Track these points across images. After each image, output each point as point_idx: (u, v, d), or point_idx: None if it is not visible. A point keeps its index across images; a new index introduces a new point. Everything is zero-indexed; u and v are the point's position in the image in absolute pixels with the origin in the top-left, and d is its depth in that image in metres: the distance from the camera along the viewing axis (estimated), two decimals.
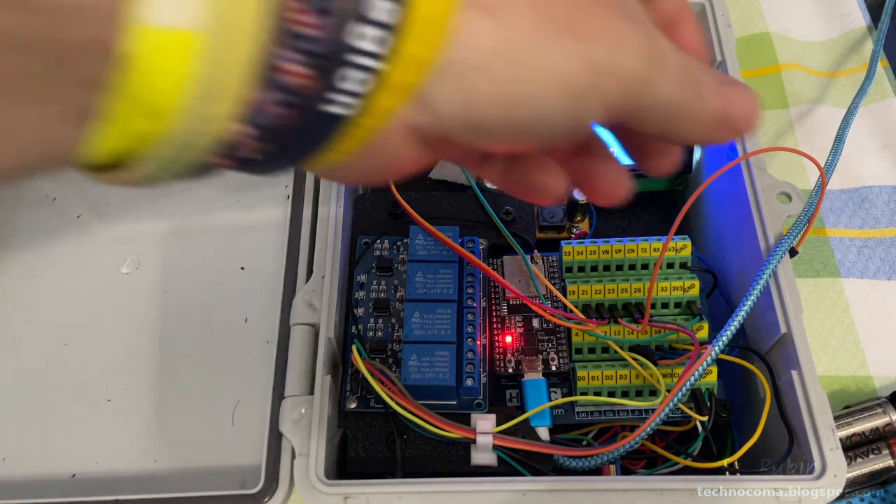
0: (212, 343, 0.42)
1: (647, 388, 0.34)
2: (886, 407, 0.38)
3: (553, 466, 0.33)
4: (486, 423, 0.33)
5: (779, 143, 0.50)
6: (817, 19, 0.55)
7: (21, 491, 0.38)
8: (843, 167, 0.48)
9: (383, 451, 0.33)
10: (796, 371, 0.32)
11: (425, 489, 0.30)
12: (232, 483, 0.38)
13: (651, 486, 0.30)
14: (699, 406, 0.34)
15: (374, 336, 0.36)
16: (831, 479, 0.30)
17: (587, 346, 0.35)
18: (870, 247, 0.46)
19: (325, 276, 0.35)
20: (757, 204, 0.36)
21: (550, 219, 0.40)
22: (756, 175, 0.37)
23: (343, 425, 0.34)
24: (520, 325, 0.37)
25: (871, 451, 0.37)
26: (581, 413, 0.35)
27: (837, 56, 0.53)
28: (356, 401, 0.34)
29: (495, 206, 0.39)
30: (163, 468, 0.39)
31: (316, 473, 0.31)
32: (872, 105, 0.50)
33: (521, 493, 0.30)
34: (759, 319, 0.36)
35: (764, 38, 0.54)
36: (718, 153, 0.41)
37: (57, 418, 0.40)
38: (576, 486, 0.30)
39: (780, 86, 0.52)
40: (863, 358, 0.42)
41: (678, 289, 0.36)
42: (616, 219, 0.45)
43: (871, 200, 0.47)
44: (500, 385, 0.36)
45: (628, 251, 0.37)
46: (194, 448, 0.39)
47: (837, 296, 0.44)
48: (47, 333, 0.43)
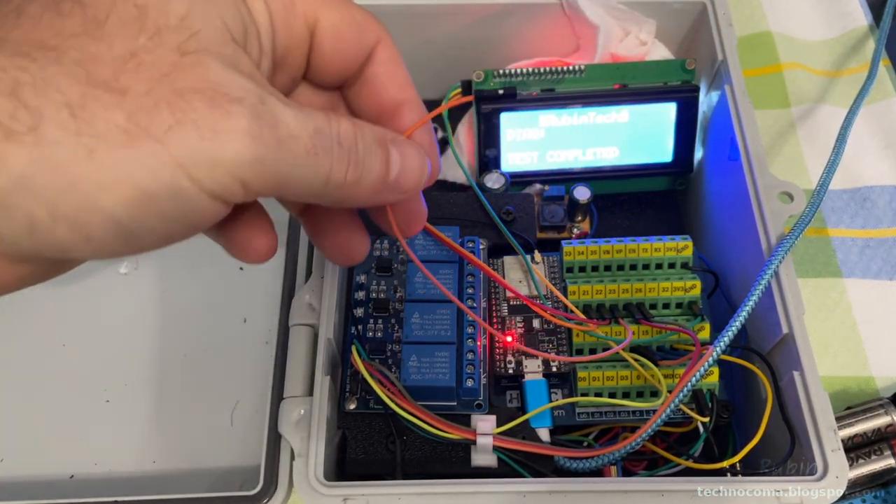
0: (211, 344, 0.42)
1: (648, 389, 0.34)
2: (888, 407, 0.37)
3: (554, 468, 0.32)
4: (487, 425, 0.32)
5: (780, 142, 0.50)
6: (819, 18, 0.55)
7: (19, 492, 0.38)
8: (844, 167, 0.48)
9: (383, 453, 0.33)
10: (798, 372, 0.32)
11: (425, 490, 0.30)
12: (231, 484, 0.37)
13: (652, 488, 0.30)
14: (700, 407, 0.34)
15: (374, 337, 0.36)
16: (833, 480, 0.30)
17: (588, 347, 0.35)
18: (871, 247, 0.46)
19: (324, 277, 0.35)
20: (759, 204, 0.36)
21: (551, 219, 0.40)
22: (757, 175, 0.37)
23: (342, 426, 0.34)
24: (520, 326, 0.36)
25: (873, 452, 0.37)
26: (582, 414, 0.35)
27: (839, 55, 0.53)
28: (356, 402, 0.34)
29: (495, 205, 0.39)
30: (161, 469, 0.39)
31: (315, 475, 0.30)
32: (874, 105, 0.50)
33: (521, 494, 0.30)
34: (761, 320, 0.35)
35: (765, 38, 0.54)
36: (719, 153, 0.41)
37: (55, 419, 0.40)
38: (576, 488, 0.30)
39: (781, 85, 0.52)
40: (864, 358, 0.42)
41: (679, 289, 0.36)
42: (617, 219, 0.44)
43: (873, 200, 0.47)
44: (501, 386, 0.36)
45: (629, 251, 0.36)
46: (193, 449, 0.39)
47: (839, 296, 0.44)
48: (46, 334, 0.43)
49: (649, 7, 0.44)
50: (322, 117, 0.21)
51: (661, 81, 0.42)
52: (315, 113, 0.21)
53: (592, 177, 0.43)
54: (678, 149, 0.43)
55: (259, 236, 0.24)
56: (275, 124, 0.19)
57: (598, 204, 0.42)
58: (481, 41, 0.46)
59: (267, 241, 0.24)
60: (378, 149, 0.23)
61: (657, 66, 0.43)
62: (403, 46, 0.26)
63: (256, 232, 0.24)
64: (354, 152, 0.22)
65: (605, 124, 0.42)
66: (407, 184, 0.24)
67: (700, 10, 0.44)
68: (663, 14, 0.44)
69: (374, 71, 0.26)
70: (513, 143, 0.43)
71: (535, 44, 0.46)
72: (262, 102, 0.19)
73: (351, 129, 0.22)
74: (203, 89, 0.19)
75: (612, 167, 0.44)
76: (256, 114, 0.19)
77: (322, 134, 0.21)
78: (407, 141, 0.24)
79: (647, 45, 0.44)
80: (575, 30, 0.45)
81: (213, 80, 0.19)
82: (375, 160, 0.22)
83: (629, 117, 0.42)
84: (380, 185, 0.23)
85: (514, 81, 0.42)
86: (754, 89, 0.44)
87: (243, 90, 0.19)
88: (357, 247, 0.28)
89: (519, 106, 0.42)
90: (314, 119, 0.21)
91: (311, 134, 0.20)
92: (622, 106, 0.42)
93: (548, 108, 0.42)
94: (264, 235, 0.24)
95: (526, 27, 0.45)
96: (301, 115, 0.20)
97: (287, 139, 0.20)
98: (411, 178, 0.24)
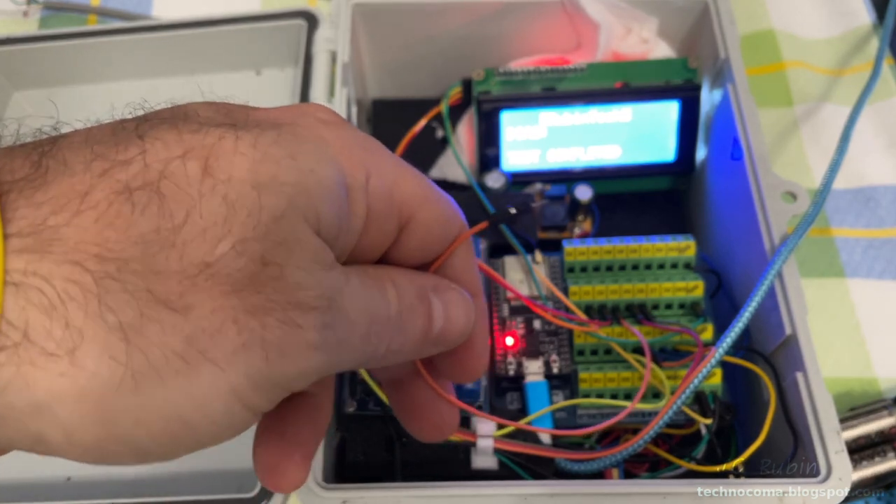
0: None
1: (650, 391, 0.34)
2: (892, 409, 0.37)
3: (555, 470, 0.32)
4: (487, 427, 0.32)
5: (783, 141, 0.49)
6: (822, 17, 0.55)
7: (15, 494, 0.38)
8: (848, 166, 0.47)
9: (382, 455, 0.33)
10: (801, 373, 0.32)
11: (425, 493, 0.30)
12: (228, 486, 0.37)
13: (654, 490, 0.30)
14: (703, 408, 0.33)
15: None
16: (836, 482, 0.30)
17: (589, 348, 0.35)
18: (875, 247, 0.45)
19: None
20: (762, 203, 0.36)
21: (552, 218, 0.40)
22: (760, 174, 0.37)
23: (341, 429, 0.34)
24: (521, 327, 0.36)
25: (877, 454, 0.37)
26: (583, 416, 0.34)
27: (843, 54, 0.53)
28: (355, 404, 0.34)
29: (496, 205, 0.39)
30: (159, 471, 0.38)
31: (314, 477, 0.30)
32: (878, 103, 0.50)
33: (522, 496, 0.30)
34: (764, 321, 0.35)
35: (768, 36, 0.54)
36: (722, 152, 0.41)
37: None
38: (578, 490, 0.30)
39: (784, 83, 0.52)
40: (868, 359, 0.42)
41: (682, 289, 0.35)
42: (618, 219, 0.44)
43: (877, 200, 0.47)
44: (501, 388, 0.36)
45: (631, 251, 0.36)
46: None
47: (843, 296, 0.44)
48: None
49: (651, 5, 0.44)
50: (378, 297, 0.19)
51: (663, 80, 0.42)
52: (371, 289, 0.19)
53: (594, 176, 0.43)
54: (681, 148, 0.43)
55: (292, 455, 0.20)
56: (339, 325, 0.17)
57: (599, 203, 0.42)
58: (482, 39, 0.45)
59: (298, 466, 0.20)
60: (420, 305, 0.20)
61: (659, 65, 0.42)
62: (404, 44, 0.26)
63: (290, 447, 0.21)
64: (398, 319, 0.19)
65: (606, 123, 0.42)
66: (452, 335, 0.21)
67: (702, 7, 0.44)
68: (665, 12, 0.44)
69: (451, 263, 0.22)
70: (513, 142, 0.42)
71: (536, 42, 0.46)
72: (331, 306, 0.17)
73: (396, 296, 0.20)
74: (277, 301, 0.16)
75: (613, 166, 0.43)
76: (325, 323, 0.17)
77: (378, 318, 0.19)
78: (449, 286, 0.21)
79: (648, 42, 0.44)
80: (576, 27, 0.45)
81: (290, 285, 0.16)
82: (418, 318, 0.20)
83: (631, 116, 0.42)
84: (420, 342, 0.20)
85: (515, 80, 0.42)
86: (757, 88, 0.43)
87: (317, 293, 0.17)
88: (448, 420, 0.24)
89: (520, 104, 0.41)
90: (373, 302, 0.19)
91: (369, 321, 0.18)
92: (624, 104, 0.42)
93: (549, 107, 0.41)
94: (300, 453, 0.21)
95: (527, 25, 0.45)
96: (360, 300, 0.18)
97: (348, 338, 0.18)
98: (456, 329, 0.21)
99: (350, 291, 0.18)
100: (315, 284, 0.17)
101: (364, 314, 0.18)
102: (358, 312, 0.18)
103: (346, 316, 0.18)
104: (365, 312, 0.18)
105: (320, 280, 0.17)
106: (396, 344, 0.20)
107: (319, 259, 0.17)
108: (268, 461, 0.20)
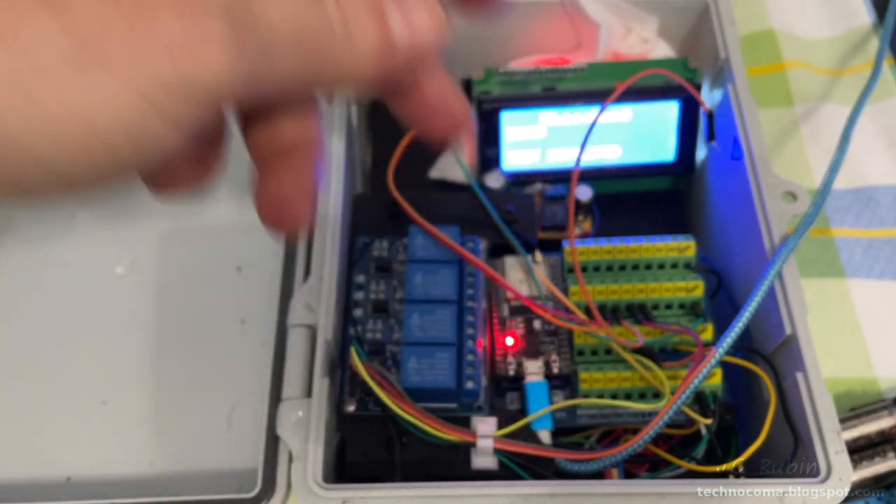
0: (208, 345, 0.42)
1: (650, 391, 0.34)
2: (892, 409, 0.37)
3: (555, 470, 0.32)
4: (487, 427, 0.32)
5: (783, 141, 0.49)
6: (822, 16, 0.55)
7: (14, 495, 0.38)
8: (848, 166, 0.47)
9: (382, 455, 0.33)
10: (801, 373, 0.32)
11: (425, 493, 0.30)
12: (228, 487, 0.37)
13: (654, 490, 0.30)
14: (703, 408, 0.33)
15: (373, 338, 0.35)
16: (836, 482, 0.30)
17: (590, 348, 0.35)
18: (875, 247, 0.45)
19: (322, 277, 0.35)
20: (762, 203, 0.36)
21: (552, 218, 0.40)
22: (761, 174, 0.37)
23: (341, 428, 0.34)
24: (521, 327, 0.36)
25: (877, 454, 0.36)
26: (583, 416, 0.34)
27: (843, 54, 0.53)
28: (355, 404, 0.34)
29: (496, 205, 0.39)
30: (158, 471, 0.38)
31: (314, 477, 0.30)
32: (878, 103, 0.50)
33: (522, 497, 0.30)
34: (764, 321, 0.35)
35: (768, 36, 0.54)
36: (722, 152, 0.41)
37: (51, 421, 0.40)
38: (578, 490, 0.30)
39: (784, 83, 0.52)
40: (868, 360, 0.42)
41: (682, 289, 0.35)
42: (619, 218, 0.44)
43: (877, 200, 0.47)
44: (501, 388, 0.36)
45: (631, 251, 0.36)
46: (190, 451, 0.39)
47: (843, 296, 0.44)
48: (41, 334, 0.42)
49: (651, 5, 0.44)
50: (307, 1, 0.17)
51: (663, 80, 0.42)
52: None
53: (594, 176, 0.43)
54: (681, 148, 0.43)
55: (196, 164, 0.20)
56: (254, 24, 0.16)
57: (599, 203, 0.42)
58: (482, 39, 0.45)
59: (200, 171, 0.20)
60: (368, 12, 0.18)
61: (659, 65, 0.42)
62: None
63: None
64: (343, 31, 0.17)
65: (606, 123, 0.42)
66: (418, 45, 0.19)
67: (702, 7, 0.44)
68: (665, 12, 0.44)
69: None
70: (513, 142, 0.42)
71: (536, 42, 0.46)
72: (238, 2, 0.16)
73: (334, 2, 0.17)
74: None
75: (613, 166, 0.43)
76: (232, 13, 0.16)
77: (310, 27, 0.17)
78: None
79: (648, 42, 0.44)
80: (576, 27, 0.45)
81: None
82: (369, 27, 0.18)
83: (631, 116, 0.42)
84: (378, 58, 0.18)
85: (515, 80, 0.42)
86: (757, 88, 0.43)
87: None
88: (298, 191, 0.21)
89: (520, 104, 0.41)
90: (299, 5, 0.17)
91: (297, 28, 0.17)
92: (624, 104, 0.41)
93: (549, 107, 0.41)
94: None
95: (527, 25, 0.45)
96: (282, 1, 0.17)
97: (272, 45, 0.16)
98: (421, 36, 0.19)
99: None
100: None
101: (289, 19, 0.16)
102: (279, 15, 0.16)
103: (263, 14, 0.16)
104: (291, 18, 0.17)
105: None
106: (348, 64, 0.18)
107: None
108: (267, 194, 0.20)
